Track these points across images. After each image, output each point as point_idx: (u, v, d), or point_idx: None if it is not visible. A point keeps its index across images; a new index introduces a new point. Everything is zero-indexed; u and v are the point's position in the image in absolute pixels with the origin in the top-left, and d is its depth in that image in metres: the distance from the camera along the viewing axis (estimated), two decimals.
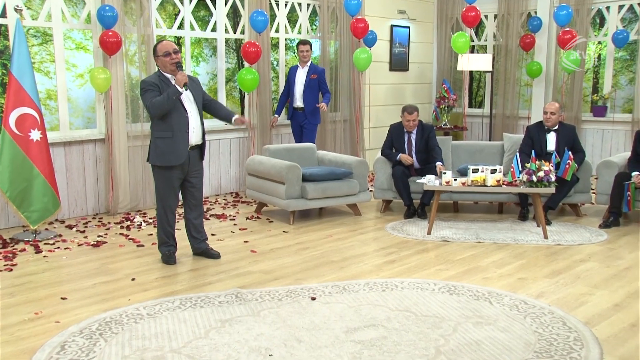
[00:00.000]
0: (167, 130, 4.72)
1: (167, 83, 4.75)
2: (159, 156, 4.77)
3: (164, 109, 4.64)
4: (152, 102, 4.63)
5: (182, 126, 4.75)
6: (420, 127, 6.78)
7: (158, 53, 4.75)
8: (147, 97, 4.67)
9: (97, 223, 6.42)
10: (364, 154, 9.24)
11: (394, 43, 9.85)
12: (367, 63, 8.53)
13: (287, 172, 6.28)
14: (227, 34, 7.91)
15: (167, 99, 4.61)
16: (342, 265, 5.01)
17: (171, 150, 4.74)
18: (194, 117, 4.83)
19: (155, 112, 4.65)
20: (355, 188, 6.65)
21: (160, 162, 4.78)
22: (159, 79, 4.76)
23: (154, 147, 4.80)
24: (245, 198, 7.67)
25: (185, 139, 4.77)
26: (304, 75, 7.70)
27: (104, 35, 6.35)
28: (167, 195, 4.88)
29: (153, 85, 4.70)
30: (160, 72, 4.80)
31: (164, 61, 4.74)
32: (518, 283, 4.58)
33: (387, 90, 9.93)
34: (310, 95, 7.71)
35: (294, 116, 7.80)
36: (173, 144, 4.74)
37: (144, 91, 4.70)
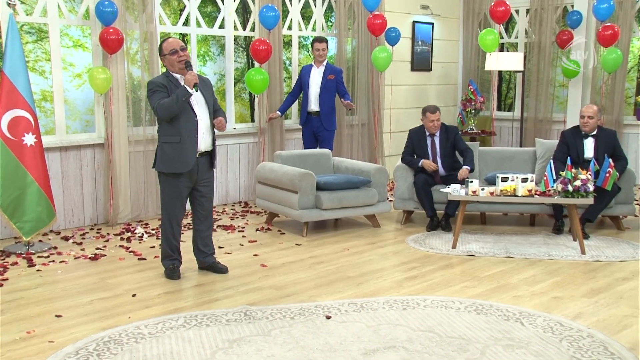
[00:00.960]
0: (174, 134, 4.74)
1: (175, 84, 4.76)
2: (165, 162, 4.79)
3: (173, 112, 4.66)
4: (160, 104, 4.64)
5: (191, 131, 4.76)
6: (443, 129, 6.79)
7: (164, 51, 4.77)
8: (155, 98, 4.69)
9: (95, 234, 6.45)
10: (383, 160, 9.22)
11: (416, 41, 9.84)
12: (386, 63, 8.52)
13: (300, 180, 6.27)
14: (236, 31, 7.94)
15: (175, 101, 4.62)
16: (359, 281, 4.99)
17: (179, 157, 4.75)
18: (203, 121, 4.83)
19: (163, 115, 4.67)
20: (373, 198, 6.63)
21: (166, 169, 4.80)
22: (167, 79, 4.77)
23: (161, 152, 4.81)
24: (255, 208, 7.68)
25: (193, 145, 4.78)
26: (320, 75, 7.64)
27: (104, 32, 6.40)
28: (173, 205, 4.89)
29: (161, 86, 4.72)
30: (168, 72, 4.82)
31: (171, 60, 4.76)
32: (552, 302, 4.53)
33: (409, 92, 9.91)
34: (327, 98, 7.65)
35: (308, 122, 7.69)
36: (181, 149, 4.75)
37: (151, 92, 4.72)
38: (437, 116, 6.68)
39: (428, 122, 6.72)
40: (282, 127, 8.15)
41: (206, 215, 5.09)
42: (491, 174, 6.86)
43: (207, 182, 5.01)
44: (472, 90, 9.54)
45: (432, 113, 6.69)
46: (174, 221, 4.94)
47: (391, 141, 9.61)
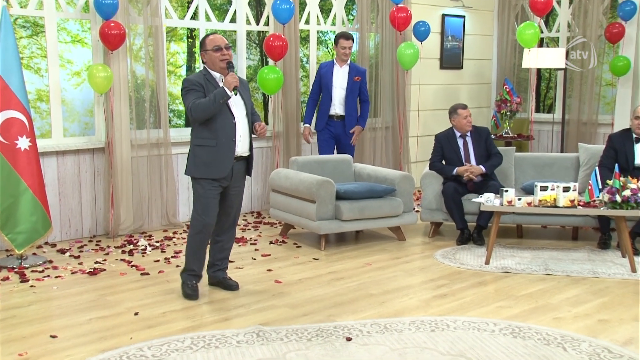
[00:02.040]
0: (210, 137, 4.77)
1: (213, 84, 4.81)
2: (198, 167, 4.83)
3: (208, 114, 4.70)
4: (195, 105, 4.68)
5: (228, 133, 4.79)
6: (474, 130, 6.83)
7: (207, 47, 4.83)
8: (190, 98, 4.74)
9: (95, 247, 6.48)
10: (408, 167, 9.20)
11: (446, 36, 9.83)
12: (413, 60, 8.51)
13: (318, 188, 6.27)
14: (248, 26, 7.97)
15: (212, 102, 4.66)
16: (383, 300, 4.98)
17: (214, 161, 4.79)
18: (241, 124, 4.87)
19: (198, 116, 4.71)
20: (398, 208, 6.61)
21: (200, 174, 4.83)
22: (205, 78, 4.82)
23: (193, 156, 4.85)
24: (269, 219, 7.69)
25: (230, 149, 4.82)
26: (345, 76, 7.57)
27: (105, 26, 6.45)
28: (208, 213, 4.88)
29: (197, 85, 4.77)
30: (206, 70, 4.87)
31: (213, 57, 4.81)
32: (599, 326, 4.49)
33: (437, 92, 9.89)
34: (353, 102, 7.63)
35: (329, 126, 7.65)
36: (217, 153, 4.79)
37: (186, 91, 4.77)
38: (469, 112, 6.75)
39: (462, 120, 6.73)
40: (298, 130, 8.16)
41: (230, 225, 5.12)
42: (529, 182, 6.83)
43: (238, 189, 5.04)
44: (508, 90, 9.48)
45: (464, 109, 6.73)
46: (206, 230, 4.93)
47: (418, 146, 9.58)
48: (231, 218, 5.10)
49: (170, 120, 9.61)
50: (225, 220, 5.07)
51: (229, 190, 4.97)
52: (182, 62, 10.47)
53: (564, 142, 9.53)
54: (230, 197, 5.00)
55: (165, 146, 7.10)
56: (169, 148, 7.12)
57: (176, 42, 10.28)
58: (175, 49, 10.28)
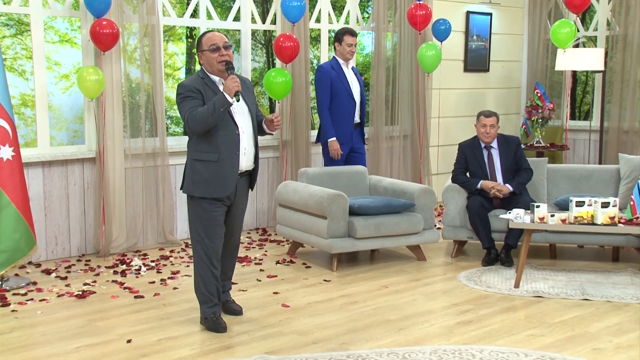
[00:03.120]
0: (211, 151, 4.67)
1: (212, 88, 4.70)
2: (198, 185, 4.71)
3: (207, 125, 4.58)
4: (193, 115, 4.56)
5: (232, 146, 4.69)
6: (502, 140, 6.82)
7: (203, 46, 4.72)
8: (186, 106, 4.61)
9: (84, 267, 6.48)
10: (429, 180, 9.19)
11: (471, 35, 9.82)
12: (435, 62, 8.49)
13: (329, 203, 6.26)
14: (253, 25, 8.00)
15: (212, 112, 4.54)
16: (401, 326, 4.96)
17: (216, 178, 4.68)
18: (246, 135, 4.77)
19: (196, 128, 4.60)
20: (418, 225, 6.60)
21: (200, 193, 4.71)
22: (203, 82, 4.71)
23: (191, 172, 4.74)
24: (275, 236, 7.68)
25: (234, 164, 4.71)
26: (354, 76, 7.56)
27: (96, 25, 6.47)
28: (211, 236, 4.78)
29: (194, 91, 4.64)
30: (204, 73, 4.75)
31: (210, 58, 4.69)
32: None
33: (461, 97, 9.88)
34: (364, 105, 7.67)
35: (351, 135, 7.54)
36: (219, 169, 4.68)
37: (182, 98, 4.65)
38: (491, 121, 6.72)
39: (480, 128, 6.74)
40: (308, 139, 8.16)
41: (234, 246, 5.08)
42: (563, 197, 6.80)
43: (241, 207, 4.98)
44: (540, 94, 9.46)
45: (487, 117, 6.73)
46: (213, 255, 4.81)
47: (439, 156, 9.56)
48: (235, 237, 5.06)
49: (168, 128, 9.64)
50: (227, 241, 5.00)
51: (231, 209, 4.91)
52: (181, 64, 10.52)
53: (602, 153, 9.49)
54: (232, 217, 4.94)
55: (162, 156, 7.11)
56: (166, 158, 7.13)
57: (174, 42, 10.32)
58: (174, 49, 10.33)
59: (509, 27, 10.34)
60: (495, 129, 6.75)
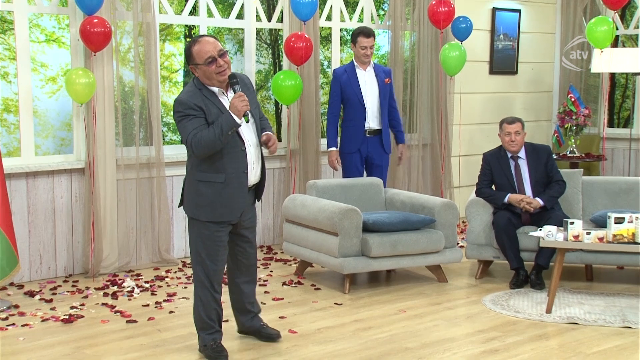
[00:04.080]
0: (216, 171, 4.61)
1: (213, 100, 4.58)
2: (202, 208, 4.67)
3: (215, 148, 4.50)
4: (197, 139, 4.46)
5: (239, 165, 4.64)
6: (531, 150, 6.81)
7: (196, 60, 4.53)
8: (187, 127, 4.49)
9: (71, 289, 6.48)
10: (451, 193, 9.18)
11: (497, 34, 9.82)
12: (460, 64, 8.49)
13: (341, 218, 6.25)
14: (258, 23, 8.01)
15: (219, 135, 4.44)
16: (420, 355, 4.95)
17: (222, 201, 4.65)
18: (253, 148, 4.74)
19: (201, 153, 4.51)
20: (439, 243, 6.58)
21: (206, 217, 4.67)
22: (201, 94, 4.57)
23: (195, 193, 4.68)
24: (281, 255, 7.68)
25: (243, 185, 4.68)
26: (374, 80, 7.49)
27: (86, 23, 6.48)
28: (214, 256, 4.76)
29: (195, 108, 4.51)
30: (201, 84, 4.61)
31: (208, 72, 4.53)
32: None
33: (486, 102, 9.87)
34: (385, 110, 7.54)
35: (362, 144, 7.51)
36: (226, 190, 4.64)
37: (182, 117, 4.51)
38: (515, 127, 6.71)
39: (504, 137, 6.75)
40: (318, 148, 8.18)
41: (249, 264, 5.06)
42: (600, 212, 6.79)
43: (250, 221, 4.95)
44: (574, 99, 9.44)
45: (510, 124, 6.72)
46: (215, 279, 4.81)
47: (462, 167, 9.54)
48: (250, 255, 5.04)
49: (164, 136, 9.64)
50: (243, 258, 5.01)
51: (241, 225, 4.88)
52: (179, 65, 10.54)
53: None
54: (243, 234, 4.93)
55: (158, 167, 7.13)
56: (162, 169, 7.15)
57: (172, 42, 10.35)
58: (171, 50, 10.35)
59: (540, 25, 10.33)
60: (521, 135, 6.73)
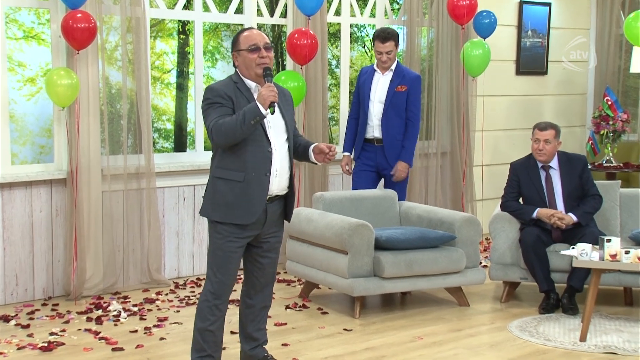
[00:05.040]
0: (237, 169, 4.73)
1: (247, 96, 4.77)
2: (218, 207, 4.77)
3: (235, 138, 4.63)
4: (218, 125, 4.62)
5: (262, 166, 4.74)
6: (564, 159, 6.81)
7: (241, 45, 4.80)
8: (212, 114, 4.68)
9: (50, 313, 6.48)
10: (473, 207, 9.20)
11: (525, 30, 9.82)
12: (483, 63, 8.49)
13: (351, 234, 6.25)
14: (259, 18, 8.02)
15: (241, 123, 4.58)
16: None
17: (239, 201, 4.73)
18: (280, 154, 4.82)
19: (221, 141, 4.66)
20: (459, 262, 6.58)
21: (219, 217, 4.77)
22: (235, 87, 4.79)
23: (212, 192, 4.81)
24: (284, 275, 7.68)
25: (263, 186, 4.76)
26: (385, 84, 7.50)
27: (69, 18, 6.48)
28: (223, 268, 4.82)
29: (224, 97, 4.71)
30: (238, 77, 4.84)
31: (248, 59, 4.76)
32: None
33: (512, 106, 9.88)
34: (395, 119, 7.50)
35: (366, 152, 7.60)
36: (244, 191, 4.73)
37: (208, 104, 4.72)
38: (547, 135, 6.70)
39: (533, 144, 6.75)
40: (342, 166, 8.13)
41: (265, 284, 5.07)
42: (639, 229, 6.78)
43: (274, 237, 4.99)
44: (610, 103, 9.44)
45: (541, 130, 6.72)
46: (222, 295, 4.85)
47: (486, 178, 9.52)
48: (267, 274, 5.04)
49: (155, 143, 9.67)
50: (260, 277, 5.02)
51: (261, 239, 4.92)
52: (172, 65, 10.56)
53: None
54: (263, 248, 4.96)
55: (148, 177, 7.14)
56: (152, 180, 7.16)
57: (164, 39, 10.37)
58: (163, 48, 10.37)
59: (573, 20, 10.33)
60: (551, 145, 6.71)
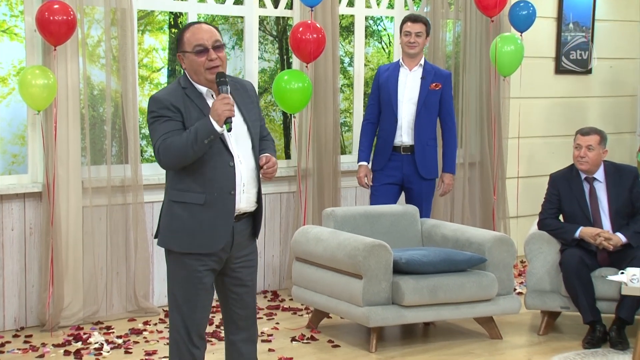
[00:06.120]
0: (195, 190, 4.60)
1: (198, 104, 4.60)
2: (177, 235, 4.64)
3: (187, 159, 4.50)
4: (166, 145, 4.48)
5: (225, 184, 4.61)
6: (612, 170, 6.82)
7: (185, 46, 4.59)
8: (158, 131, 4.52)
9: (23, 345, 6.49)
10: (506, 225, 9.22)
11: (566, 23, 9.82)
12: (516, 61, 8.48)
13: (366, 256, 6.24)
14: (262, 10, 8.05)
15: (192, 143, 4.45)
16: None
17: (201, 228, 4.62)
18: (245, 166, 4.70)
19: (170, 163, 4.54)
20: (490, 288, 6.56)
21: (181, 247, 4.65)
22: (184, 94, 4.60)
23: (169, 217, 4.68)
24: (290, 302, 7.69)
25: (228, 209, 4.64)
26: (416, 82, 7.46)
27: (45, 9, 6.49)
28: (193, 301, 4.73)
29: (171, 109, 4.53)
30: (187, 81, 4.66)
31: (195, 63, 4.56)
32: None
33: (552, 110, 9.88)
34: (428, 124, 7.49)
35: (392, 162, 7.52)
36: (206, 214, 4.61)
37: (154, 118, 4.55)
38: (589, 141, 6.71)
39: (574, 151, 6.75)
40: (335, 167, 8.19)
41: (247, 316, 4.93)
42: None
43: (246, 261, 4.85)
44: None
45: (584, 135, 6.72)
46: (194, 330, 4.75)
47: (521, 192, 9.50)
48: (246, 304, 4.91)
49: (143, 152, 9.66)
50: (238, 310, 4.90)
51: (233, 263, 4.81)
52: (162, 63, 10.58)
53: None
54: (237, 274, 4.84)
55: (135, 191, 7.15)
56: (139, 193, 7.17)
57: (153, 33, 10.39)
58: (152, 43, 10.40)
59: (621, 12, 10.32)
60: (594, 152, 6.70)
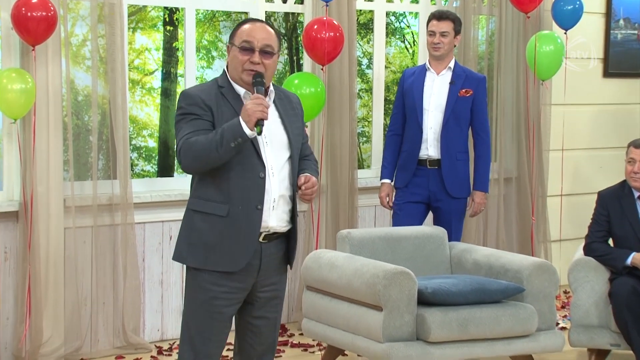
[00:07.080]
0: (218, 200, 4.61)
1: (233, 105, 4.63)
2: (195, 249, 4.66)
3: (210, 163, 4.51)
4: (189, 144, 4.49)
5: (252, 195, 4.60)
6: None
7: (235, 38, 4.68)
8: (183, 129, 4.56)
9: None
10: (547, 250, 9.23)
11: (615, 19, 9.81)
12: (555, 63, 8.48)
13: (387, 285, 6.20)
14: (269, 5, 8.08)
15: (217, 145, 4.45)
16: None
17: (222, 242, 4.63)
18: (278, 179, 4.69)
19: (190, 165, 4.56)
20: (529, 322, 6.51)
21: (197, 262, 4.66)
22: (219, 93, 4.65)
23: (188, 229, 4.71)
24: (300, 337, 7.70)
25: (253, 223, 4.62)
26: (444, 87, 7.46)
27: (22, 4, 6.50)
28: (205, 330, 4.74)
29: (201, 106, 4.57)
30: (225, 80, 4.71)
31: (235, 59, 4.64)
32: None
33: (599, 118, 9.88)
34: (456, 133, 7.49)
35: (417, 178, 7.52)
36: (228, 229, 4.62)
37: (181, 115, 4.60)
38: None
39: (627, 166, 6.74)
40: (354, 183, 8.22)
41: (262, 353, 4.95)
42: None
43: (273, 290, 4.87)
44: None
45: (637, 147, 6.71)
46: None
47: (564, 212, 9.47)
48: (265, 339, 4.93)
49: (134, 166, 9.66)
50: (256, 344, 4.92)
51: (256, 292, 4.80)
52: (155, 65, 10.60)
53: None
54: (258, 304, 4.84)
55: (124, 210, 7.15)
56: (129, 213, 7.17)
57: (145, 31, 10.42)
58: (144, 42, 10.42)
59: None
60: None
